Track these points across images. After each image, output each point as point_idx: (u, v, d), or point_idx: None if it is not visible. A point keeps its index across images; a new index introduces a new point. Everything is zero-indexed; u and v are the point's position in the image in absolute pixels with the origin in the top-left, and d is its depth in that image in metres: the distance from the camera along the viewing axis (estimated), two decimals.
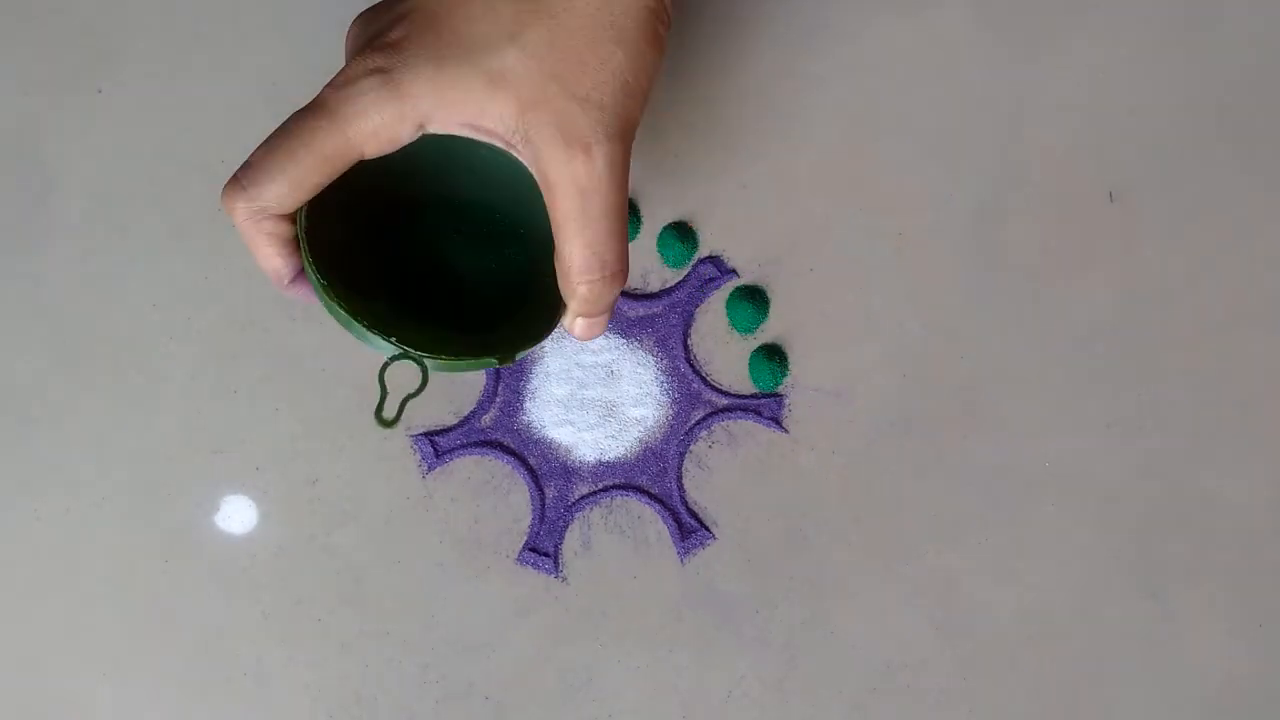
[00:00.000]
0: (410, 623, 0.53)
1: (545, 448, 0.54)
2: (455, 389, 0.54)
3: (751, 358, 0.54)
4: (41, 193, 0.54)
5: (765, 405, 0.54)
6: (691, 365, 0.54)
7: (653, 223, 0.55)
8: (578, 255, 0.36)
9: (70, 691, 0.53)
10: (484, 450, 0.54)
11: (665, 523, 0.54)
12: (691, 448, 0.54)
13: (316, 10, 0.55)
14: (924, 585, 0.54)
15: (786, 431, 0.54)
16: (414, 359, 0.36)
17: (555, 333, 0.40)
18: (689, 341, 0.54)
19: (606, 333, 0.54)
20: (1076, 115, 0.55)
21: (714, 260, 0.55)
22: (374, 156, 0.36)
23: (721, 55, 0.55)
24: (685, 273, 0.55)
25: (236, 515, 0.54)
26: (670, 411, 0.54)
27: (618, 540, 0.54)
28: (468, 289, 0.41)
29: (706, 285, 0.54)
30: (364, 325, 0.36)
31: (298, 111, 0.36)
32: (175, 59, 0.55)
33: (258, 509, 0.54)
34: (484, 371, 0.54)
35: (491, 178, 0.38)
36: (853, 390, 0.54)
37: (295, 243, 0.37)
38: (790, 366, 0.54)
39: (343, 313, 0.36)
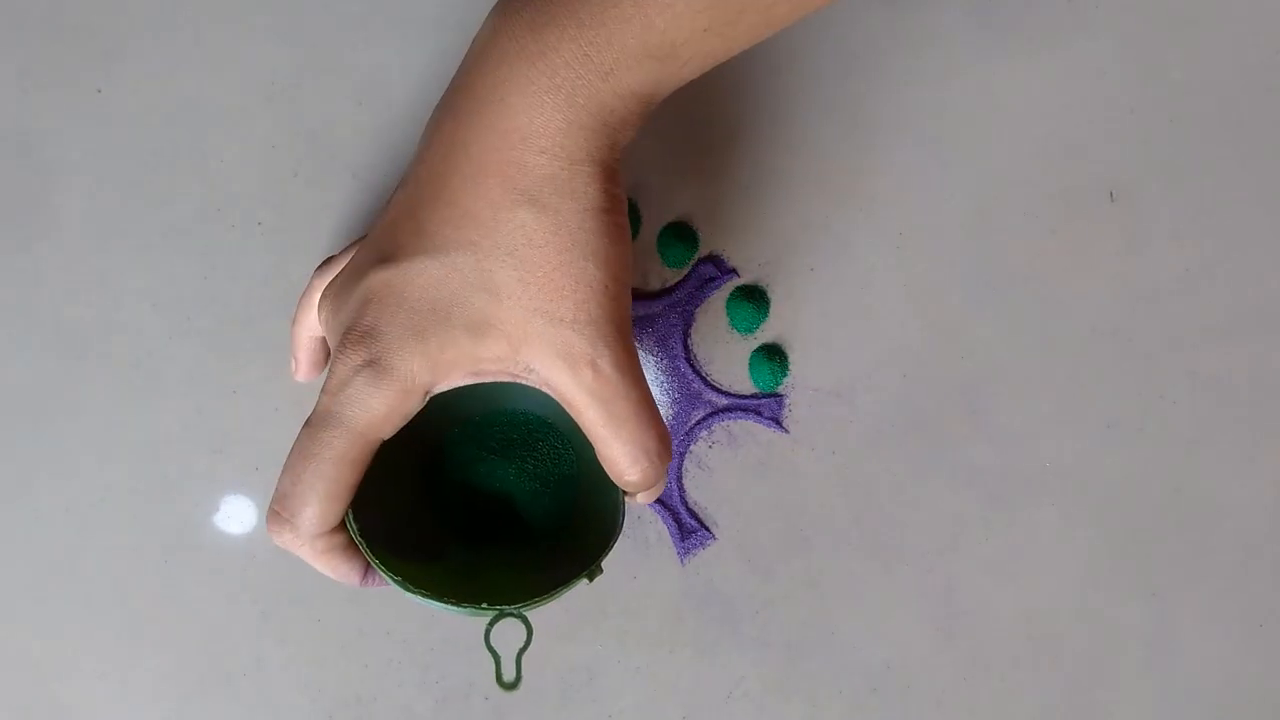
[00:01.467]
0: (410, 623, 0.53)
1: None
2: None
3: (751, 358, 0.54)
4: (41, 193, 0.54)
5: (765, 405, 0.54)
6: (691, 365, 0.54)
7: (653, 223, 0.55)
8: (621, 455, 0.36)
9: (70, 691, 0.53)
10: None
11: (665, 523, 0.54)
12: (691, 448, 0.54)
13: (316, 10, 0.55)
14: (924, 585, 0.54)
15: (786, 431, 0.54)
16: (515, 615, 0.36)
17: None
18: (689, 341, 0.54)
19: None
20: (1076, 115, 0.55)
21: (714, 260, 0.55)
22: (392, 434, 0.36)
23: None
24: (685, 273, 0.55)
25: (236, 515, 0.54)
26: (670, 411, 0.54)
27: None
28: (519, 497, 0.41)
29: (706, 285, 0.54)
30: (452, 604, 0.36)
31: (305, 429, 0.36)
32: (175, 59, 0.55)
33: (257, 509, 0.54)
34: None
35: (502, 389, 0.38)
36: (853, 390, 0.54)
37: (353, 545, 0.37)
38: (790, 366, 0.54)
39: (433, 601, 0.36)
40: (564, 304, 0.34)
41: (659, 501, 0.54)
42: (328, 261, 0.43)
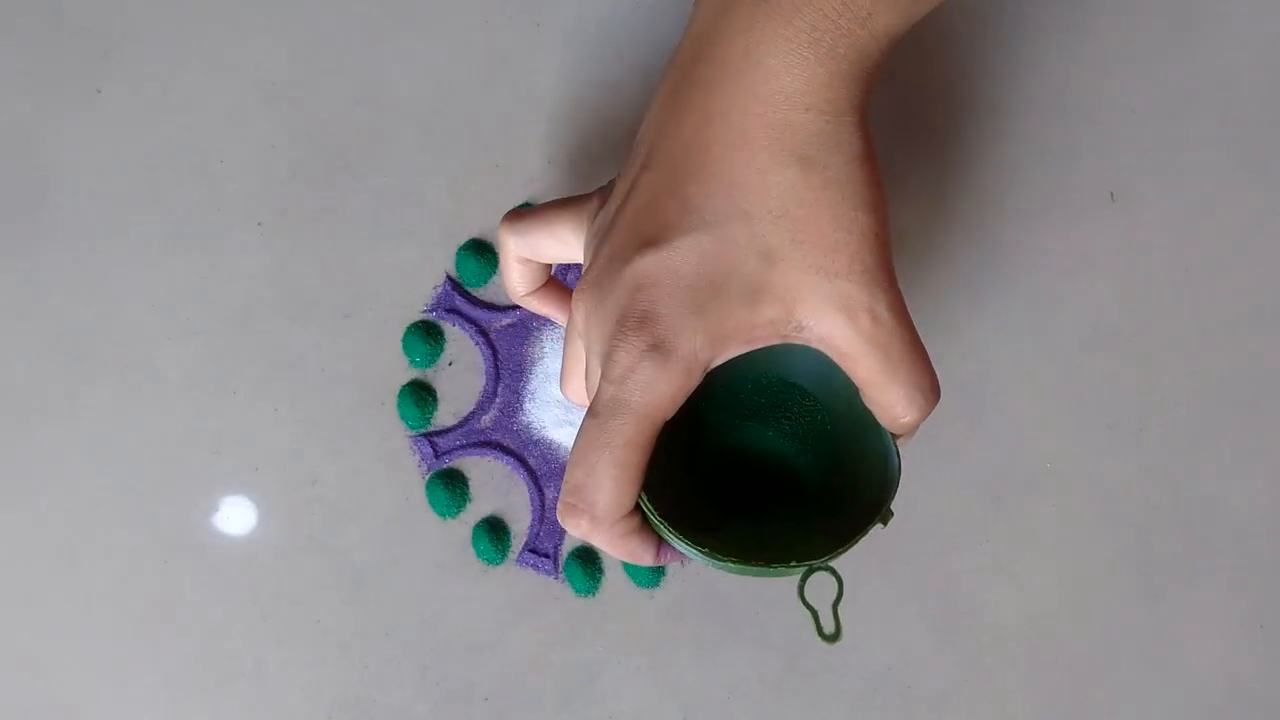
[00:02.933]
0: (410, 623, 0.53)
1: (545, 448, 0.54)
2: (453, 390, 0.54)
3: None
4: (41, 193, 0.54)
5: None
6: None
7: None
8: (897, 398, 0.36)
9: (70, 691, 0.53)
10: (483, 451, 0.54)
11: None
12: None
13: (316, 10, 0.55)
14: (924, 586, 0.54)
15: None
16: (825, 569, 0.36)
17: None
18: None
19: None
20: (1076, 115, 0.55)
21: None
22: (674, 413, 0.36)
23: None
24: None
25: (235, 516, 0.54)
26: None
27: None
28: (778, 459, 0.41)
29: None
30: (763, 566, 0.36)
31: (591, 419, 0.36)
32: (175, 59, 0.55)
33: (257, 509, 0.54)
34: (482, 370, 0.54)
35: (739, 358, 0.38)
36: None
37: (645, 526, 0.37)
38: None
39: (742, 566, 0.36)
40: (839, 258, 0.34)
41: None
42: (514, 214, 0.43)
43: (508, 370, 0.54)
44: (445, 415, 0.54)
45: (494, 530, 0.53)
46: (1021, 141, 0.55)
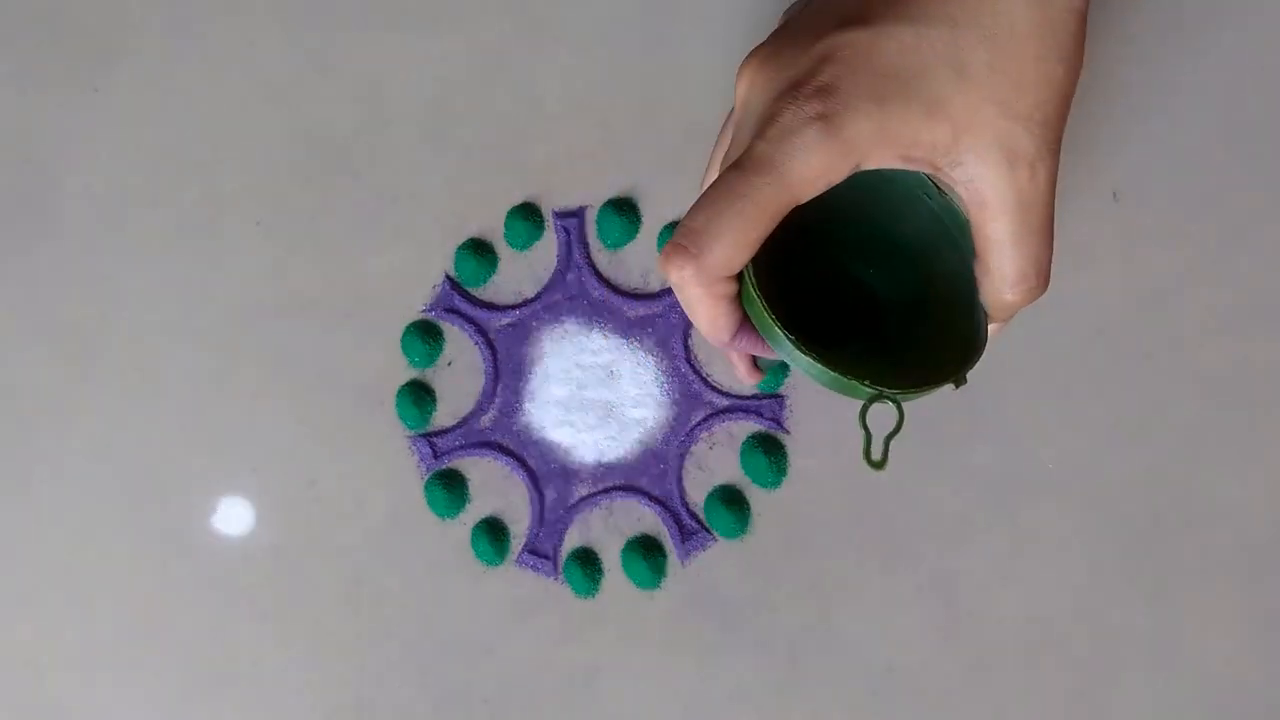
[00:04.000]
0: (409, 624, 0.53)
1: (544, 449, 0.54)
2: (453, 390, 0.54)
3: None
4: (41, 193, 0.54)
5: (766, 406, 0.54)
6: (692, 366, 0.54)
7: (653, 223, 0.55)
8: (1013, 268, 0.35)
9: (70, 691, 0.53)
10: (483, 451, 0.54)
11: (666, 524, 0.54)
12: (692, 449, 0.54)
13: (316, 10, 0.55)
14: (925, 587, 0.53)
15: (787, 432, 0.54)
16: (890, 398, 0.36)
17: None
18: (689, 342, 0.54)
19: (606, 333, 0.54)
20: (1078, 114, 0.55)
21: None
22: (808, 199, 0.35)
23: (720, 55, 0.55)
24: None
25: (234, 516, 0.54)
26: (670, 412, 0.54)
27: (618, 542, 0.54)
28: (864, 313, 0.40)
29: None
30: (839, 373, 0.35)
31: (733, 169, 0.34)
32: (175, 59, 0.55)
33: (256, 510, 0.54)
34: (481, 370, 0.54)
35: (862, 197, 0.37)
36: None
37: (737, 299, 0.36)
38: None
39: (819, 366, 0.35)
40: (1024, 99, 0.34)
41: (659, 503, 0.54)
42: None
43: (507, 370, 0.54)
44: (444, 415, 0.54)
45: (493, 531, 0.53)
46: None
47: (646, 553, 0.53)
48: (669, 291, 0.54)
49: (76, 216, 0.54)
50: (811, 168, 0.33)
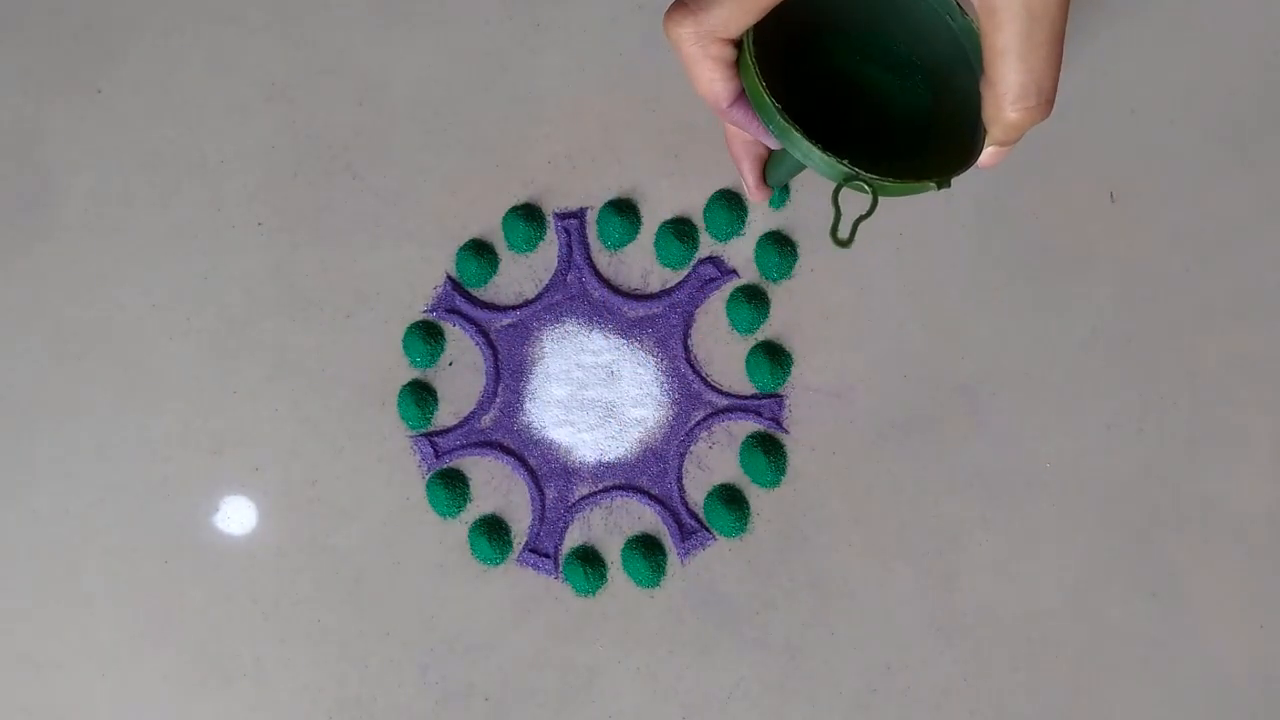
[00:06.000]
0: (410, 623, 0.53)
1: (545, 448, 0.54)
2: (453, 390, 0.54)
3: (751, 358, 0.54)
4: (41, 193, 0.54)
5: (765, 406, 0.54)
6: (691, 366, 0.54)
7: (652, 223, 0.55)
8: (1017, 81, 0.35)
9: (70, 691, 0.53)
10: (484, 451, 0.54)
11: (665, 523, 0.54)
12: (692, 448, 0.54)
13: (316, 10, 0.55)
14: (924, 586, 0.54)
15: (787, 432, 0.54)
16: (865, 181, 0.36)
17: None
18: (689, 342, 0.54)
19: (606, 333, 0.54)
20: (1076, 115, 0.55)
21: (714, 260, 0.55)
22: None
23: None
24: (685, 273, 0.55)
25: (236, 516, 0.54)
26: (670, 412, 0.54)
27: (618, 541, 0.54)
28: (872, 121, 0.40)
29: (706, 285, 0.54)
30: (819, 147, 0.35)
31: None
32: (175, 59, 0.55)
33: (257, 509, 0.54)
34: (482, 370, 0.54)
35: (884, 13, 0.38)
36: (853, 390, 0.54)
37: (735, 67, 0.37)
38: (790, 367, 0.54)
39: (796, 134, 0.35)
40: None
41: (659, 502, 0.54)
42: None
43: (508, 370, 0.54)
44: (445, 415, 0.54)
45: (494, 530, 0.53)
46: (1022, 141, 0.55)
47: (646, 551, 0.53)
48: (669, 292, 0.54)
49: (77, 216, 0.54)
50: None
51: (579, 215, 0.55)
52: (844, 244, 0.36)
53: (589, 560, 0.53)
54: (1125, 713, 0.54)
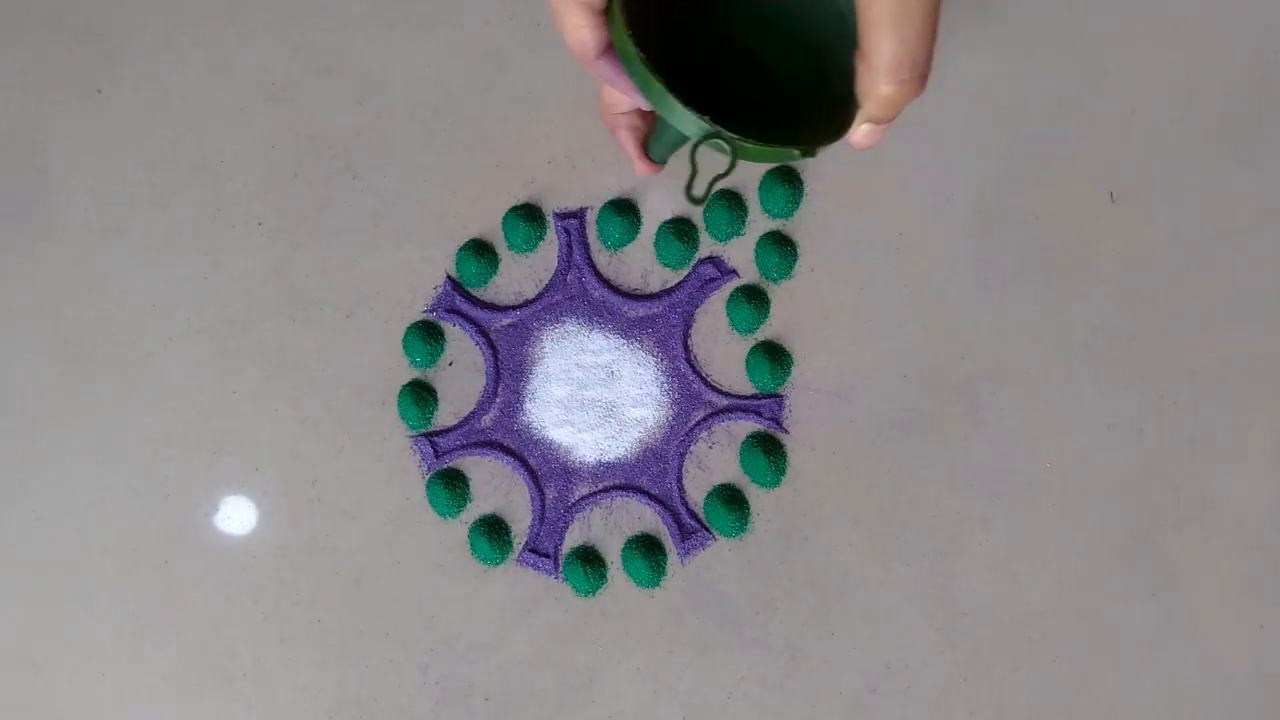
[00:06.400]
0: (410, 623, 0.53)
1: (545, 448, 0.54)
2: (454, 390, 0.54)
3: (751, 358, 0.54)
4: (41, 193, 0.54)
5: (765, 406, 0.54)
6: (691, 366, 0.54)
7: (652, 223, 0.55)
8: (889, 53, 0.35)
9: (70, 691, 0.53)
10: (484, 451, 0.54)
11: (665, 523, 0.54)
12: (691, 448, 0.54)
13: (316, 10, 0.55)
14: (924, 586, 0.54)
15: (787, 432, 0.54)
16: (726, 139, 0.35)
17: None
18: (689, 342, 0.54)
19: (606, 333, 0.54)
20: (1076, 115, 0.55)
21: (714, 260, 0.55)
22: None
23: None
24: (685, 273, 0.55)
25: (236, 516, 0.54)
26: (670, 412, 0.54)
27: (618, 541, 0.54)
28: (751, 90, 0.40)
29: (706, 285, 0.54)
30: (680, 100, 0.35)
31: None
32: (175, 59, 0.55)
33: (257, 510, 0.54)
34: (482, 370, 0.54)
35: None
36: (853, 391, 0.54)
37: (603, 16, 0.37)
38: (790, 367, 0.54)
39: (658, 85, 0.35)
40: None
41: (659, 502, 0.54)
42: None
43: (508, 370, 0.54)
44: (446, 415, 0.54)
45: (494, 530, 0.53)
46: (1021, 141, 0.55)
47: (646, 551, 0.53)
48: (669, 292, 0.54)
49: (78, 216, 0.54)
50: None
51: (579, 215, 0.55)
52: (697, 202, 0.36)
53: (589, 560, 0.53)
54: (1125, 713, 0.54)
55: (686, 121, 0.35)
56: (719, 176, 0.36)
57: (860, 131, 0.37)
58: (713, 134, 0.35)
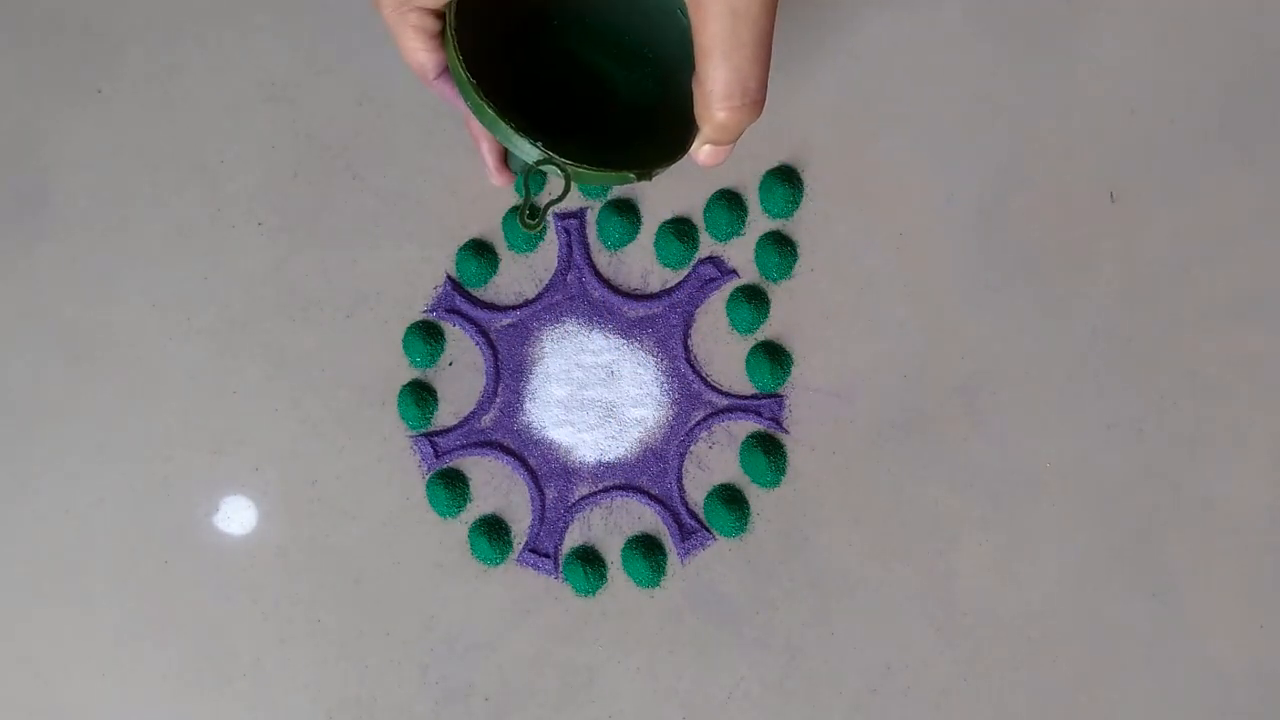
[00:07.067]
0: (410, 623, 0.53)
1: (545, 448, 0.54)
2: (454, 390, 0.54)
3: (751, 358, 0.54)
4: (41, 193, 0.54)
5: (765, 406, 0.54)
6: (691, 366, 0.54)
7: (652, 223, 0.55)
8: (721, 79, 0.35)
9: (70, 691, 0.53)
10: (484, 451, 0.54)
11: (665, 523, 0.54)
12: (691, 448, 0.54)
13: (316, 10, 0.55)
14: (924, 586, 0.54)
15: (787, 432, 0.54)
16: (558, 165, 0.36)
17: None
18: (689, 342, 0.54)
19: (606, 333, 0.54)
20: (1076, 115, 0.55)
21: (714, 260, 0.55)
22: None
23: None
24: (685, 273, 0.55)
25: (236, 516, 0.54)
26: (670, 412, 0.54)
27: (618, 541, 0.54)
28: (596, 110, 0.40)
29: (707, 285, 0.54)
30: (511, 126, 0.35)
31: None
32: (175, 59, 0.55)
33: (257, 509, 0.54)
34: (484, 371, 0.54)
35: (623, 2, 0.38)
36: (853, 390, 0.54)
37: (440, 37, 0.37)
38: (790, 367, 0.54)
39: (489, 111, 0.35)
40: None
41: (659, 502, 0.54)
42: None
43: (508, 370, 0.54)
44: (446, 415, 0.54)
45: (494, 530, 0.53)
46: (1022, 141, 0.55)
47: (646, 551, 0.53)
48: (669, 292, 0.54)
49: (77, 216, 0.54)
50: None
51: (579, 215, 0.55)
52: (531, 227, 0.36)
53: (589, 560, 0.53)
54: (1125, 713, 0.54)
55: (520, 146, 0.36)
56: (553, 201, 0.37)
57: (703, 151, 0.38)
58: (545, 160, 0.35)
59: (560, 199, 0.36)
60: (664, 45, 0.38)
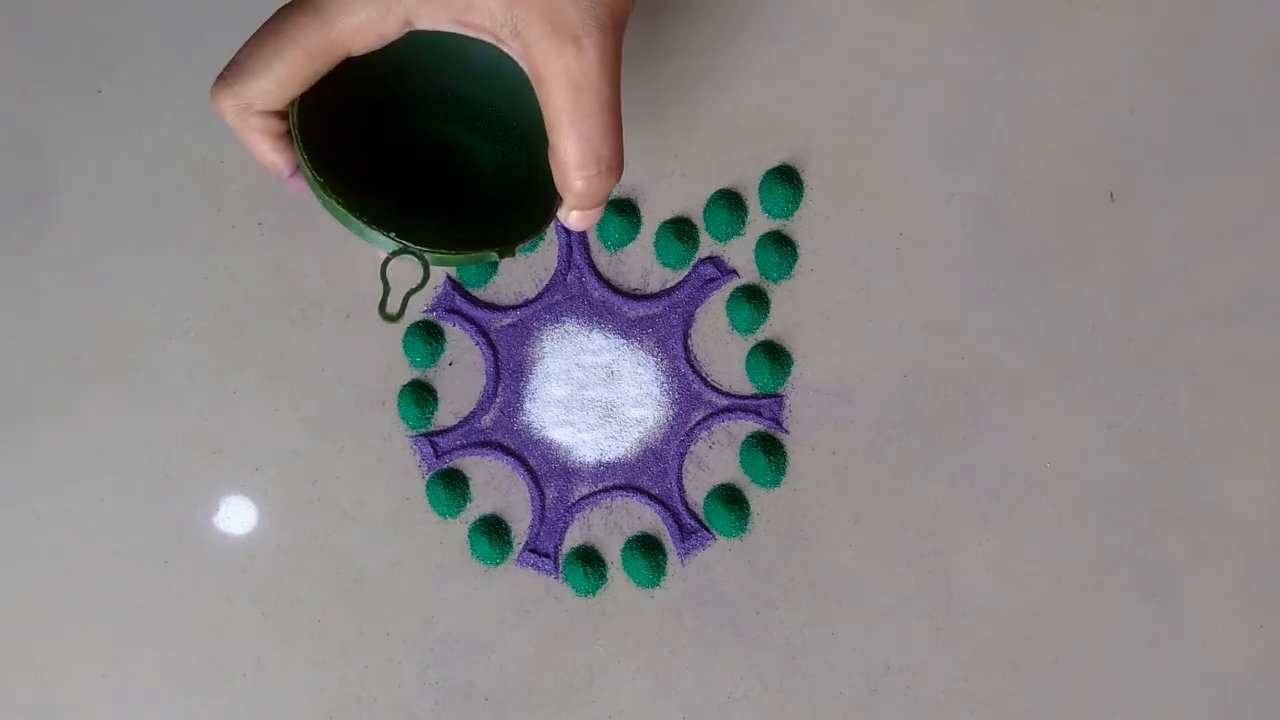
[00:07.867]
0: (410, 623, 0.53)
1: (545, 448, 0.54)
2: (454, 390, 0.54)
3: (751, 358, 0.54)
4: (41, 193, 0.54)
5: (765, 406, 0.54)
6: (691, 366, 0.54)
7: (652, 223, 0.55)
8: (573, 151, 0.35)
9: (70, 691, 0.53)
10: (484, 451, 0.54)
11: (666, 523, 0.54)
12: (691, 448, 0.54)
13: None
14: (924, 586, 0.54)
15: (787, 432, 0.54)
16: (414, 254, 0.36)
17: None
18: (689, 342, 0.54)
19: (606, 333, 0.54)
20: (1076, 115, 0.55)
21: (714, 260, 0.55)
22: (361, 53, 0.35)
23: (721, 57, 0.55)
24: (685, 273, 0.55)
25: (236, 516, 0.54)
26: (670, 412, 0.54)
27: (618, 541, 0.54)
28: (465, 185, 0.40)
29: (707, 285, 0.54)
30: (362, 221, 0.35)
31: (284, 7, 0.35)
32: (175, 59, 0.55)
33: (257, 509, 0.54)
34: (484, 371, 0.54)
35: (484, 73, 0.38)
36: (853, 390, 0.54)
37: (288, 138, 0.37)
38: (790, 367, 0.54)
39: (340, 208, 0.35)
40: None
41: (659, 502, 0.54)
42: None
43: (508, 370, 0.54)
44: (446, 415, 0.54)
45: (494, 530, 0.53)
46: (1021, 141, 0.55)
47: (647, 551, 0.53)
48: (669, 292, 0.54)
49: (77, 216, 0.54)
50: (355, 15, 0.34)
51: None
52: (392, 319, 0.36)
53: (589, 560, 0.53)
54: (1125, 713, 0.54)
55: (374, 239, 0.36)
56: (413, 290, 0.37)
57: (573, 217, 0.38)
58: (401, 250, 0.36)
59: (420, 286, 0.37)
60: (529, 113, 0.37)
